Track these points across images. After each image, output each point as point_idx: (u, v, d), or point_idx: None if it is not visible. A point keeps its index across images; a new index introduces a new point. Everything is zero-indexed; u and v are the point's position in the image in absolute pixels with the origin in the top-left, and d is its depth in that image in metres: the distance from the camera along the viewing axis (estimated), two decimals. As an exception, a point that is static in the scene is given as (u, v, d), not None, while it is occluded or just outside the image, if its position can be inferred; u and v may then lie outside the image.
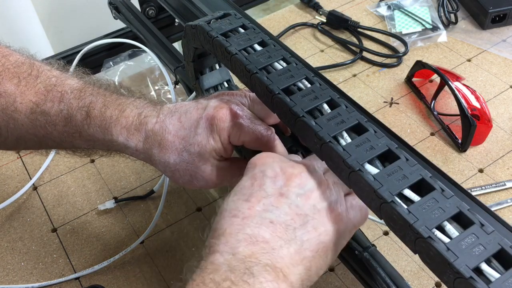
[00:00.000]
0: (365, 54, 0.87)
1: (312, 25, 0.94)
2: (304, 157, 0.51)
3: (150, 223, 0.63)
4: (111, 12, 0.90)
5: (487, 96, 0.78)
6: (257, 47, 0.47)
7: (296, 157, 0.46)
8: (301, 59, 0.55)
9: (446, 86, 0.74)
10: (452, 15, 0.91)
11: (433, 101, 0.76)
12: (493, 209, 0.62)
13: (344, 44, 0.90)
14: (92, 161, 0.74)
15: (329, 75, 0.84)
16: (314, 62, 0.86)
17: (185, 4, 0.70)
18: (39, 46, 1.08)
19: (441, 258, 0.32)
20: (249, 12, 0.94)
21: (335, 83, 0.76)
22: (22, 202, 0.69)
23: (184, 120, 0.46)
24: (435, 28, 0.90)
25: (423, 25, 0.90)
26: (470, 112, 0.69)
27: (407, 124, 0.75)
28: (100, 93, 0.49)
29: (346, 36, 0.91)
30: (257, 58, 0.46)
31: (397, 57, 0.86)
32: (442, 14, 0.91)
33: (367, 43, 0.89)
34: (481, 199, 0.63)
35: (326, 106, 0.42)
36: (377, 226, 0.63)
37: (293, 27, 0.93)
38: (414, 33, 0.90)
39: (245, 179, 0.40)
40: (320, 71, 0.79)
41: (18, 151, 0.74)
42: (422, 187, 0.37)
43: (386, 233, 0.62)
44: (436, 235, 0.33)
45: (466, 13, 0.94)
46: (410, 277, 0.58)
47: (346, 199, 0.41)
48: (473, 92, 0.73)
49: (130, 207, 0.68)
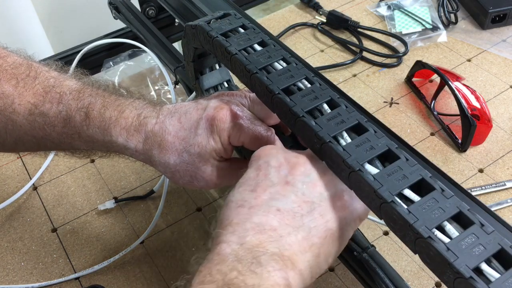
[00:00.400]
0: (365, 54, 0.87)
1: (312, 25, 0.94)
2: None
3: (150, 223, 0.63)
4: (111, 12, 0.90)
5: (487, 96, 0.78)
6: (257, 47, 0.47)
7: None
8: (301, 59, 0.55)
9: (446, 86, 0.74)
10: (452, 15, 0.91)
11: (433, 101, 0.76)
12: (493, 209, 0.62)
13: (344, 44, 0.90)
14: (92, 161, 0.74)
15: (329, 75, 0.84)
16: (314, 62, 0.86)
17: (185, 4, 0.70)
18: (39, 46, 1.08)
19: (441, 258, 0.32)
20: (249, 12, 0.94)
21: (335, 83, 0.76)
22: (22, 202, 0.69)
23: (184, 121, 0.46)
24: (435, 28, 0.90)
25: (423, 25, 0.90)
26: (470, 112, 0.69)
27: (407, 124, 0.75)
28: (99, 94, 0.49)
29: (346, 36, 0.91)
30: (257, 58, 0.46)
31: (397, 57, 0.86)
32: (442, 14, 0.91)
33: (367, 43, 0.89)
34: (481, 199, 0.63)
35: (326, 106, 0.42)
36: (377, 226, 0.63)
37: (293, 27, 0.93)
38: (414, 33, 0.90)
39: (250, 171, 0.40)
40: (320, 71, 0.79)
41: (17, 153, 0.74)
42: (422, 187, 0.37)
43: (386, 233, 0.62)
44: (436, 235, 0.33)
45: (466, 13, 0.94)
46: (410, 277, 0.58)
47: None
48: (473, 92, 0.73)
49: (130, 207, 0.68)
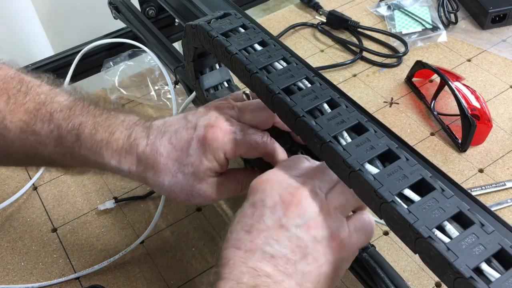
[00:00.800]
0: (365, 54, 0.87)
1: (312, 25, 0.94)
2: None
3: (150, 223, 0.63)
4: (111, 12, 0.90)
5: (487, 96, 0.78)
6: (257, 47, 0.47)
7: (301, 161, 0.44)
8: (301, 59, 0.55)
9: (446, 86, 0.74)
10: (452, 15, 0.91)
11: (433, 101, 0.76)
12: (493, 209, 0.62)
13: (344, 44, 0.90)
14: (92, 161, 0.73)
15: (329, 75, 0.84)
16: (314, 62, 0.86)
17: (185, 4, 0.70)
18: (39, 46, 1.08)
19: (441, 258, 0.32)
20: (249, 12, 0.94)
21: (335, 83, 0.76)
22: (22, 202, 0.69)
23: (175, 141, 0.46)
24: (435, 28, 0.90)
25: (423, 25, 0.90)
26: (470, 112, 0.69)
27: (407, 124, 0.75)
28: (89, 113, 0.48)
29: (346, 36, 0.91)
30: (257, 58, 0.46)
31: (397, 57, 0.86)
32: (442, 14, 0.91)
33: (367, 43, 0.89)
34: (481, 199, 0.63)
35: (326, 106, 0.42)
36: (377, 226, 0.63)
37: (293, 27, 0.93)
38: (414, 33, 0.90)
39: (246, 206, 0.40)
40: (320, 71, 0.79)
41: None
42: (422, 187, 0.37)
43: (386, 233, 0.62)
44: (436, 235, 0.33)
45: (466, 13, 0.94)
46: (410, 277, 0.58)
47: (350, 222, 0.40)
48: (473, 92, 0.73)
49: (130, 207, 0.68)
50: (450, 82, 0.73)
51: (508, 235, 0.38)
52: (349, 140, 0.39)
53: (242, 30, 0.49)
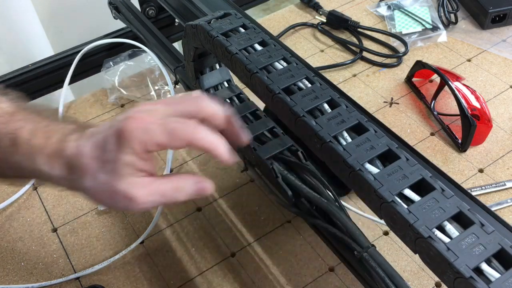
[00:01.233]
0: (365, 54, 0.87)
1: (312, 25, 0.94)
2: (305, 157, 0.50)
3: (150, 223, 0.63)
4: (111, 12, 0.90)
5: (487, 96, 0.78)
6: (258, 47, 0.47)
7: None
8: (301, 59, 0.55)
9: (446, 86, 0.74)
10: (452, 15, 0.91)
11: (433, 101, 0.76)
12: (493, 209, 0.62)
13: (344, 44, 0.90)
14: (92, 161, 0.73)
15: (329, 75, 0.84)
16: (314, 62, 0.86)
17: (185, 4, 0.70)
18: (39, 46, 1.08)
19: (441, 258, 0.32)
20: (249, 12, 0.94)
21: (335, 83, 0.76)
22: (22, 202, 0.69)
23: (97, 141, 0.44)
24: (435, 28, 0.90)
25: (423, 25, 0.90)
26: (470, 112, 0.69)
27: (407, 124, 0.75)
28: (31, 119, 0.46)
29: (346, 36, 0.91)
30: (257, 58, 0.46)
31: (397, 57, 0.86)
32: (442, 14, 0.91)
33: (367, 43, 0.89)
34: (481, 199, 0.63)
35: (326, 106, 0.42)
36: (377, 226, 0.63)
37: (293, 27, 0.93)
38: (414, 33, 0.90)
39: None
40: (320, 71, 0.79)
41: None
42: (422, 187, 0.37)
43: (386, 233, 0.62)
44: (436, 235, 0.33)
45: (466, 13, 0.94)
46: (410, 277, 0.58)
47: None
48: (473, 92, 0.73)
49: (130, 207, 0.67)
50: (450, 82, 0.73)
51: (508, 235, 0.38)
52: (349, 140, 0.39)
53: (242, 30, 0.49)
